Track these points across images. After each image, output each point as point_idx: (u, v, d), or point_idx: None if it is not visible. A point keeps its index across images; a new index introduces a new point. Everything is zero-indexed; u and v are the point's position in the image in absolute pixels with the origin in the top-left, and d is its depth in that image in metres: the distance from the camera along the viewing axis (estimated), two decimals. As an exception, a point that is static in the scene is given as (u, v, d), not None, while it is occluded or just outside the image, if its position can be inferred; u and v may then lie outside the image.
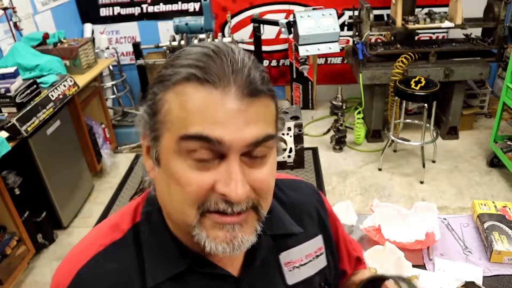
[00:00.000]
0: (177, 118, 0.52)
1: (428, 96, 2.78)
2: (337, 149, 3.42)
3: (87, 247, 0.62)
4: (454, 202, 2.76)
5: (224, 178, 0.52)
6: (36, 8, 3.21)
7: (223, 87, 0.50)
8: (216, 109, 0.50)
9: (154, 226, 0.62)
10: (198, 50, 0.53)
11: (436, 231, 1.26)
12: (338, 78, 4.14)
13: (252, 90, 0.51)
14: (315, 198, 0.79)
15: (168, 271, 0.60)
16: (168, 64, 0.55)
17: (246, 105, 0.51)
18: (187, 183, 0.52)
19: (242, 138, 0.51)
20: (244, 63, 0.52)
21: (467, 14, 3.14)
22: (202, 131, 0.50)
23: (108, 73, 3.84)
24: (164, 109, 0.53)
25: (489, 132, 3.29)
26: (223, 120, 0.50)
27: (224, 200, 0.52)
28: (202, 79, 0.50)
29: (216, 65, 0.51)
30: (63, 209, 2.69)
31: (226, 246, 0.54)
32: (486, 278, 1.15)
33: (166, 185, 0.55)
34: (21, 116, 2.23)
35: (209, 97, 0.50)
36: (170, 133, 0.52)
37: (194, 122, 0.50)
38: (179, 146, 0.51)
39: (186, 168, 0.52)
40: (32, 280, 2.37)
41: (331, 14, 3.02)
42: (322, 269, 0.76)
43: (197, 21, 3.44)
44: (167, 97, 0.53)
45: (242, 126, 0.50)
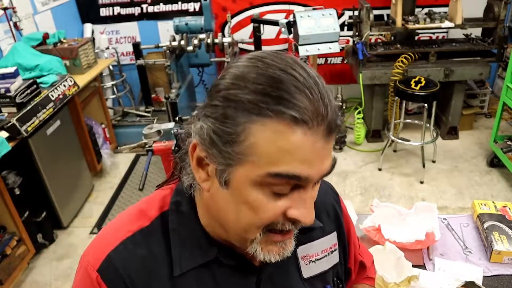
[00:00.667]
0: (265, 153, 0.50)
1: (428, 96, 2.77)
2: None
3: (116, 231, 0.64)
4: (454, 202, 2.76)
5: (297, 205, 0.55)
6: (36, 8, 3.21)
7: (316, 127, 0.50)
8: (307, 150, 0.51)
9: (183, 216, 0.64)
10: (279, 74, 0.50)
11: (436, 231, 1.26)
12: (338, 78, 4.14)
13: (334, 127, 0.52)
14: (332, 196, 0.82)
15: (195, 260, 0.62)
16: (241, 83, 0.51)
17: (328, 142, 0.53)
18: (263, 210, 0.54)
19: (322, 172, 0.54)
20: (330, 98, 0.52)
21: (467, 14, 3.14)
22: (293, 171, 0.51)
23: (108, 73, 3.84)
24: (248, 141, 0.51)
25: (489, 132, 3.29)
26: (311, 158, 0.51)
27: (291, 222, 0.56)
28: (298, 121, 0.49)
29: (311, 104, 0.49)
30: (63, 209, 2.69)
31: (278, 257, 0.59)
32: (486, 278, 1.15)
33: (235, 206, 0.56)
34: (21, 116, 2.23)
35: (303, 139, 0.50)
36: (254, 166, 0.52)
37: (285, 162, 0.50)
38: (263, 180, 0.52)
39: (263, 198, 0.54)
40: (32, 280, 2.37)
41: (331, 14, 3.02)
42: (335, 264, 0.78)
43: (197, 21, 3.43)
44: (253, 129, 0.50)
45: (322, 161, 0.53)
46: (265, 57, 0.53)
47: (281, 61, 0.52)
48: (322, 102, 0.50)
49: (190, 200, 0.65)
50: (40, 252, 2.54)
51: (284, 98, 0.49)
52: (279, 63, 0.52)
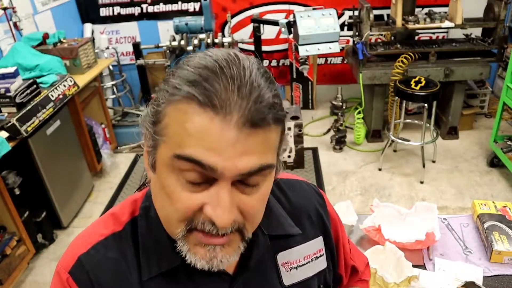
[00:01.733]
0: (174, 134, 0.51)
1: (428, 96, 2.77)
2: (337, 149, 3.42)
3: (89, 235, 0.65)
4: (454, 202, 2.76)
5: (212, 202, 0.52)
6: (36, 8, 3.21)
7: (224, 114, 0.48)
8: (213, 136, 0.48)
9: (151, 221, 0.64)
10: (209, 64, 0.50)
11: (436, 231, 1.26)
12: (338, 78, 4.14)
13: (255, 121, 0.49)
14: (315, 200, 0.78)
15: (161, 265, 0.62)
16: (175, 72, 0.53)
17: (246, 136, 0.49)
18: (177, 200, 0.53)
19: (236, 167, 0.50)
20: (253, 87, 0.49)
21: (467, 14, 3.14)
22: (196, 156, 0.49)
23: (108, 73, 3.84)
24: (164, 121, 0.52)
25: (489, 132, 3.29)
26: (219, 148, 0.49)
27: (210, 222, 0.53)
28: (204, 103, 0.48)
29: (221, 88, 0.48)
30: (63, 209, 2.69)
31: (205, 264, 0.56)
32: (486, 278, 1.15)
33: (159, 192, 0.56)
34: (21, 116, 2.23)
35: (208, 123, 0.48)
36: (166, 146, 0.52)
37: (190, 144, 0.49)
38: (173, 163, 0.52)
39: (178, 186, 0.53)
40: (32, 280, 2.37)
41: (331, 14, 3.02)
42: (321, 271, 0.75)
43: (197, 21, 3.43)
44: (168, 110, 0.52)
45: (237, 156, 0.49)
46: (212, 50, 0.54)
47: (223, 54, 0.52)
48: (240, 92, 0.48)
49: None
50: (40, 252, 2.54)
51: (198, 82, 0.49)
52: (219, 55, 0.52)
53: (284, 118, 0.55)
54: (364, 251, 1.22)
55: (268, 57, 4.14)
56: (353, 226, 1.33)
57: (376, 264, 1.14)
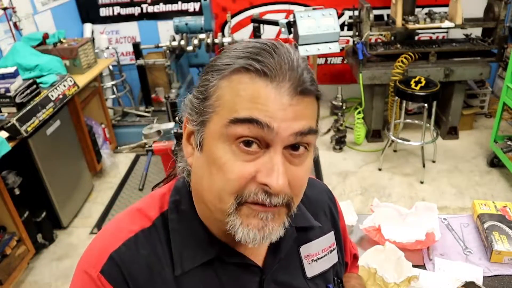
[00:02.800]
0: (228, 102, 0.54)
1: (428, 96, 2.77)
2: (337, 149, 3.42)
3: (117, 231, 0.63)
4: (454, 202, 2.76)
5: (266, 169, 0.54)
6: (36, 8, 3.20)
7: (278, 81, 0.53)
8: (268, 101, 0.52)
9: (183, 214, 0.64)
10: (256, 44, 0.56)
11: (436, 231, 1.26)
12: (338, 78, 4.14)
13: (303, 89, 0.54)
14: (328, 196, 0.83)
15: (196, 259, 0.62)
16: (223, 55, 0.57)
17: (296, 101, 0.54)
18: (230, 170, 0.54)
19: (289, 127, 0.53)
20: (299, 63, 0.55)
21: (467, 14, 3.13)
22: (253, 115, 0.52)
23: (108, 73, 3.84)
24: (216, 94, 0.55)
25: (489, 132, 3.29)
26: (274, 110, 0.52)
27: (264, 191, 0.54)
28: (260, 71, 0.53)
29: (274, 60, 0.53)
30: (63, 209, 2.69)
31: (257, 233, 0.56)
32: (486, 278, 1.15)
33: (207, 169, 0.57)
34: (21, 116, 2.23)
35: (264, 89, 0.52)
36: (219, 116, 0.55)
37: (246, 108, 0.52)
38: (227, 130, 0.53)
39: (230, 155, 0.54)
40: (32, 280, 2.36)
41: (331, 14, 3.02)
42: (335, 264, 0.79)
43: (197, 21, 3.43)
44: (221, 84, 0.55)
45: (291, 119, 0.53)
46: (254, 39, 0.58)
47: (266, 40, 0.57)
48: (289, 64, 0.54)
49: (189, 197, 0.65)
50: (40, 252, 2.54)
51: (251, 55, 0.54)
52: (265, 41, 0.56)
53: (321, 95, 0.60)
54: (364, 251, 1.22)
55: (268, 57, 4.13)
56: (353, 226, 1.33)
57: (376, 264, 1.14)
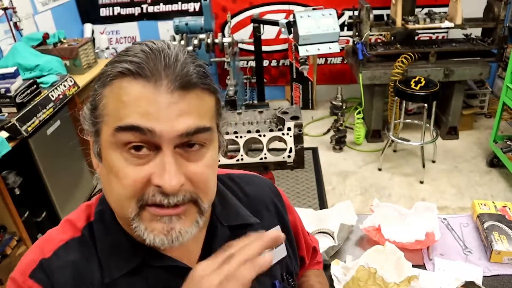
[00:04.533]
0: (112, 111, 0.54)
1: (428, 96, 2.78)
2: (337, 149, 3.42)
3: (47, 242, 0.64)
4: (454, 202, 2.76)
5: (158, 170, 0.53)
6: (36, 8, 3.21)
7: (155, 80, 0.52)
8: (148, 101, 0.52)
9: (106, 224, 0.64)
10: (136, 47, 0.56)
11: (436, 231, 1.26)
12: (338, 78, 4.14)
13: (184, 83, 0.53)
14: (270, 191, 0.81)
15: (122, 267, 0.62)
16: (109, 62, 0.58)
17: (178, 98, 0.53)
18: (124, 176, 0.54)
19: (174, 129, 0.52)
20: (178, 58, 0.54)
21: (467, 14, 3.14)
22: (134, 122, 0.52)
23: (108, 73, 3.83)
24: (102, 103, 0.55)
25: (489, 132, 3.29)
26: (155, 111, 0.52)
27: (160, 192, 0.54)
28: (136, 74, 0.52)
29: (150, 60, 0.53)
30: (63, 209, 2.69)
31: (164, 238, 0.55)
32: (486, 278, 1.15)
33: (107, 179, 0.57)
34: (21, 116, 2.22)
35: (142, 90, 0.52)
36: (107, 126, 0.55)
37: (128, 114, 0.52)
38: (115, 139, 0.54)
39: (123, 162, 0.54)
40: (32, 280, 2.36)
41: (331, 14, 3.02)
42: (283, 258, 0.76)
43: (197, 21, 3.44)
44: (105, 92, 0.55)
45: (174, 118, 0.52)
46: (138, 42, 0.59)
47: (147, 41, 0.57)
48: (165, 60, 0.53)
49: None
50: (40, 252, 2.54)
51: (126, 58, 0.54)
52: (143, 42, 0.57)
53: (215, 89, 0.58)
54: (364, 251, 1.22)
55: (268, 57, 4.14)
56: (353, 226, 1.34)
57: (376, 264, 1.14)
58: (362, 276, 1.12)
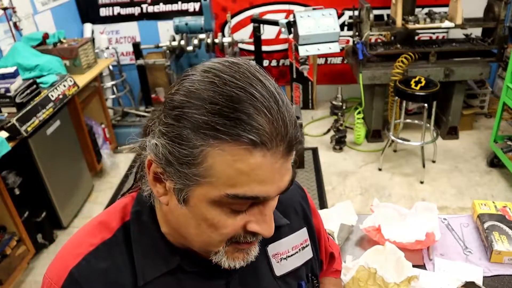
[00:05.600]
0: (223, 175, 0.50)
1: (428, 96, 2.77)
2: (337, 149, 3.42)
3: (78, 246, 0.63)
4: (454, 202, 2.76)
5: (257, 219, 0.56)
6: (36, 8, 3.20)
7: (275, 147, 0.49)
8: (266, 170, 0.50)
9: (144, 225, 0.64)
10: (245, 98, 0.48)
11: (436, 231, 1.26)
12: (338, 78, 4.14)
13: (295, 144, 0.52)
14: (299, 194, 0.82)
15: (158, 269, 0.62)
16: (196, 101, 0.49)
17: (289, 159, 0.53)
18: (223, 227, 0.55)
19: (280, 188, 0.54)
20: (290, 113, 0.51)
21: (467, 14, 3.13)
22: (252, 192, 0.51)
23: (108, 73, 3.83)
24: (206, 164, 0.50)
25: (489, 132, 3.29)
26: (270, 178, 0.51)
27: (252, 234, 0.57)
28: (255, 144, 0.48)
29: (270, 125, 0.48)
30: (63, 209, 2.69)
31: (242, 262, 0.61)
32: (486, 278, 1.15)
33: (195, 221, 0.57)
34: (21, 116, 2.22)
35: (262, 160, 0.49)
36: (212, 187, 0.51)
37: (243, 183, 0.50)
38: (221, 200, 0.52)
39: (222, 215, 0.55)
40: (32, 280, 2.36)
41: (331, 14, 3.02)
42: (308, 260, 0.78)
43: (197, 21, 3.44)
44: (210, 153, 0.49)
45: (282, 178, 0.53)
46: (221, 71, 0.51)
47: (239, 75, 0.50)
48: (282, 122, 0.49)
49: (150, 209, 0.65)
50: (40, 252, 2.54)
51: (242, 120, 0.47)
52: (237, 78, 0.50)
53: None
54: (364, 251, 1.22)
55: (268, 57, 4.14)
56: (353, 226, 1.33)
57: (376, 264, 1.14)
58: (362, 276, 1.11)
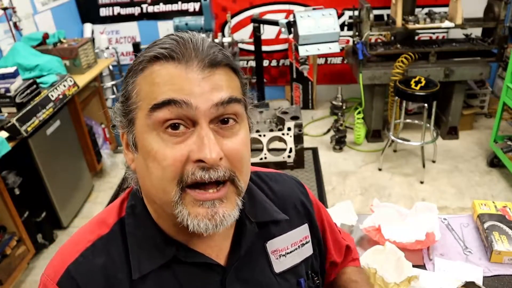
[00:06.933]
0: (146, 94, 0.56)
1: (428, 96, 2.77)
2: (337, 149, 3.42)
3: (76, 243, 0.64)
4: (454, 202, 2.76)
5: (197, 146, 0.54)
6: (36, 8, 3.21)
7: (186, 61, 0.56)
8: (181, 79, 0.55)
9: (138, 218, 0.64)
10: (164, 38, 0.59)
11: (436, 231, 1.26)
12: (338, 78, 4.14)
13: (212, 62, 0.56)
14: (298, 190, 0.82)
15: (153, 262, 0.62)
16: (139, 54, 0.60)
17: (208, 75, 0.56)
18: (163, 157, 0.54)
19: (208, 99, 0.55)
20: (204, 41, 0.58)
21: (467, 14, 3.13)
22: (170, 96, 0.54)
23: (108, 73, 3.84)
24: (135, 91, 0.58)
25: (489, 132, 3.29)
26: (189, 87, 0.55)
27: (200, 168, 0.54)
28: (168, 56, 0.56)
29: (179, 45, 0.57)
30: (63, 209, 2.69)
31: (208, 223, 0.56)
32: (486, 278, 1.15)
33: (145, 166, 0.57)
34: (21, 116, 2.22)
35: (174, 70, 0.55)
36: (141, 110, 0.57)
37: (162, 92, 0.55)
38: (150, 119, 0.55)
39: (160, 143, 0.55)
40: (32, 280, 2.36)
41: (331, 14, 3.02)
42: (308, 257, 0.78)
43: (197, 21, 3.44)
44: (137, 80, 0.58)
45: (207, 91, 0.55)
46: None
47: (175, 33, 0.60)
48: (194, 43, 0.57)
49: (142, 202, 0.65)
50: (40, 252, 2.54)
51: (156, 46, 0.58)
52: (171, 34, 0.60)
53: (239, 69, 0.62)
54: (364, 251, 1.22)
55: (268, 57, 4.14)
56: (353, 226, 1.33)
57: (376, 264, 1.14)
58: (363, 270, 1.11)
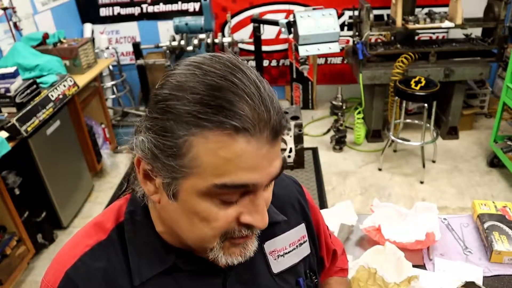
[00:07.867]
0: (209, 165, 0.50)
1: (428, 96, 2.77)
2: (337, 149, 3.42)
3: (73, 247, 0.63)
4: (454, 202, 2.76)
5: (249, 210, 0.55)
6: (36, 8, 3.20)
7: (259, 133, 0.50)
8: (252, 157, 0.50)
9: (138, 225, 0.64)
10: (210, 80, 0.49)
11: (436, 231, 1.26)
12: (338, 78, 4.14)
13: (280, 130, 0.52)
14: (296, 190, 0.82)
15: (153, 268, 0.61)
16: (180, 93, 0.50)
17: (275, 144, 0.52)
18: (215, 219, 0.55)
19: (270, 175, 0.54)
20: (273, 100, 0.51)
21: (467, 14, 3.13)
22: (240, 180, 0.51)
23: (108, 73, 3.84)
24: (191, 154, 0.50)
25: (489, 132, 3.29)
26: (257, 165, 0.51)
27: (247, 227, 0.57)
28: (238, 130, 0.48)
29: (252, 111, 0.49)
30: (63, 209, 2.69)
31: (240, 257, 0.60)
32: (486, 278, 1.15)
33: (186, 217, 0.56)
34: (21, 116, 2.22)
35: (246, 147, 0.49)
36: (200, 178, 0.51)
37: (230, 171, 0.50)
38: (210, 191, 0.52)
39: (213, 207, 0.54)
40: (32, 280, 2.36)
41: (331, 14, 3.02)
42: (306, 256, 0.78)
43: (197, 21, 3.43)
44: (194, 142, 0.49)
45: (271, 164, 0.53)
46: (202, 63, 0.52)
47: (220, 66, 0.51)
48: (264, 107, 0.49)
49: (144, 208, 0.64)
50: (40, 252, 2.54)
51: (223, 107, 0.48)
52: (217, 68, 0.50)
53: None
54: (364, 251, 1.22)
55: (268, 57, 4.14)
56: (353, 226, 1.33)
57: (376, 264, 1.14)
58: (362, 276, 1.11)
